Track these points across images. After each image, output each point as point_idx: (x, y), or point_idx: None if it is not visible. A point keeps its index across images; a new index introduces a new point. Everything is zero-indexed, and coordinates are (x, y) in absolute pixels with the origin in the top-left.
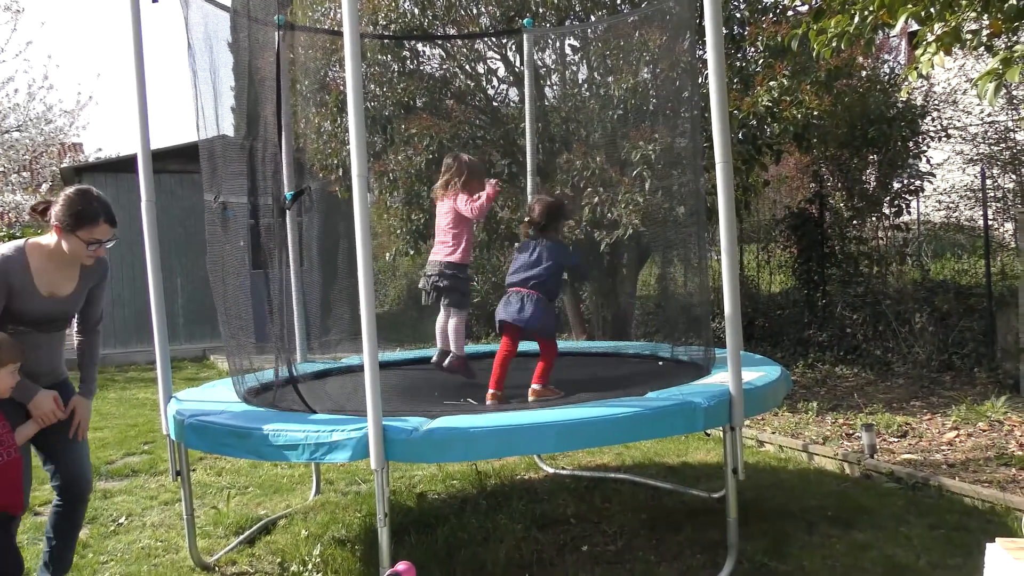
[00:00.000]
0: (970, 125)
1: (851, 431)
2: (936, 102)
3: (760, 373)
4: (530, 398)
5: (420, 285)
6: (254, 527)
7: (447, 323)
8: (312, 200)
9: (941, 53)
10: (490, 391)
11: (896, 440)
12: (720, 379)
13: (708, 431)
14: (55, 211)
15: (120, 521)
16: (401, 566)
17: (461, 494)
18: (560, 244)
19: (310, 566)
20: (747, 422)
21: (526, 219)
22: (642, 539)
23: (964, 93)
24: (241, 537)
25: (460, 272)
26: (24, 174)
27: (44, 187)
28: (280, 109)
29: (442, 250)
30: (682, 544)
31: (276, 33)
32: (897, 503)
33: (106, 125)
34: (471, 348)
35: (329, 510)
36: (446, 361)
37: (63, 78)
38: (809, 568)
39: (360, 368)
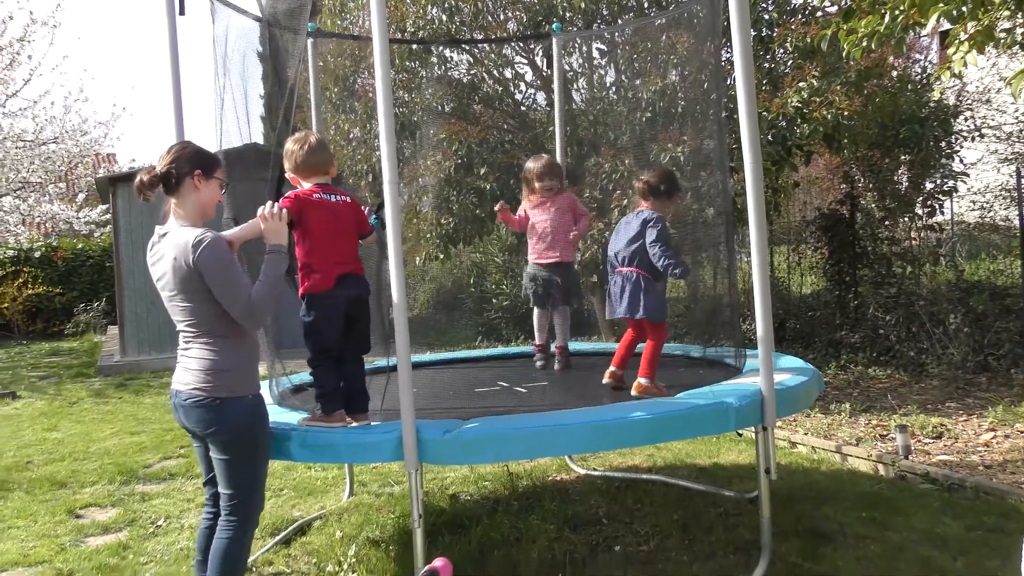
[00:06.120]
0: (1004, 124)
1: (885, 432)
2: (969, 101)
3: (792, 374)
4: (634, 392)
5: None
6: (289, 528)
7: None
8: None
9: (974, 52)
10: (611, 368)
11: (931, 441)
12: (751, 379)
13: (740, 431)
14: (183, 163)
15: (159, 523)
16: (438, 562)
17: (493, 495)
18: (656, 218)
19: (346, 566)
20: (779, 423)
21: (640, 183)
22: (674, 539)
23: (998, 92)
24: (277, 538)
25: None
26: (60, 185)
27: (80, 197)
28: (315, 115)
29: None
30: (715, 545)
31: (307, 41)
32: (932, 504)
33: (139, 136)
34: (501, 351)
35: (363, 511)
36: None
37: (98, 90)
38: (843, 569)
39: (391, 370)
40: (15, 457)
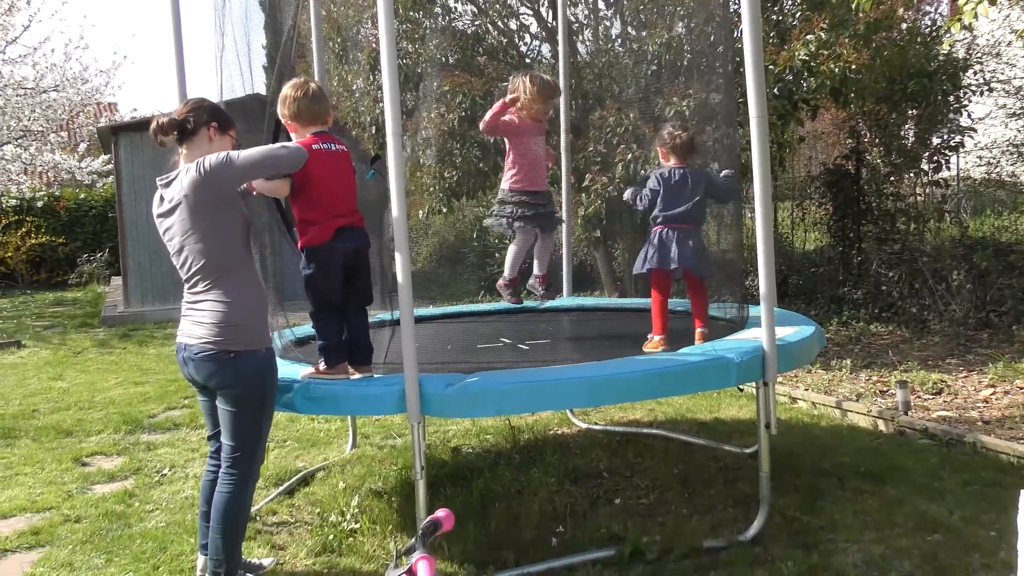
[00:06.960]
0: (1014, 78)
1: (885, 388)
2: (979, 55)
3: (794, 329)
4: (699, 341)
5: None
6: (293, 479)
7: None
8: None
9: (985, 3)
10: (657, 337)
11: (931, 397)
12: (753, 335)
13: (741, 387)
14: (201, 113)
15: (164, 472)
16: (440, 513)
17: (495, 448)
18: (705, 171)
19: (348, 516)
20: (780, 379)
21: (666, 146)
22: (674, 493)
23: (1009, 45)
24: (281, 488)
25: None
26: (62, 134)
27: (82, 147)
28: (317, 65)
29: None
30: (714, 498)
31: None
32: (931, 459)
33: (140, 85)
34: (504, 306)
35: (365, 463)
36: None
37: (98, 38)
38: (841, 522)
39: (393, 324)
40: (21, 405)
